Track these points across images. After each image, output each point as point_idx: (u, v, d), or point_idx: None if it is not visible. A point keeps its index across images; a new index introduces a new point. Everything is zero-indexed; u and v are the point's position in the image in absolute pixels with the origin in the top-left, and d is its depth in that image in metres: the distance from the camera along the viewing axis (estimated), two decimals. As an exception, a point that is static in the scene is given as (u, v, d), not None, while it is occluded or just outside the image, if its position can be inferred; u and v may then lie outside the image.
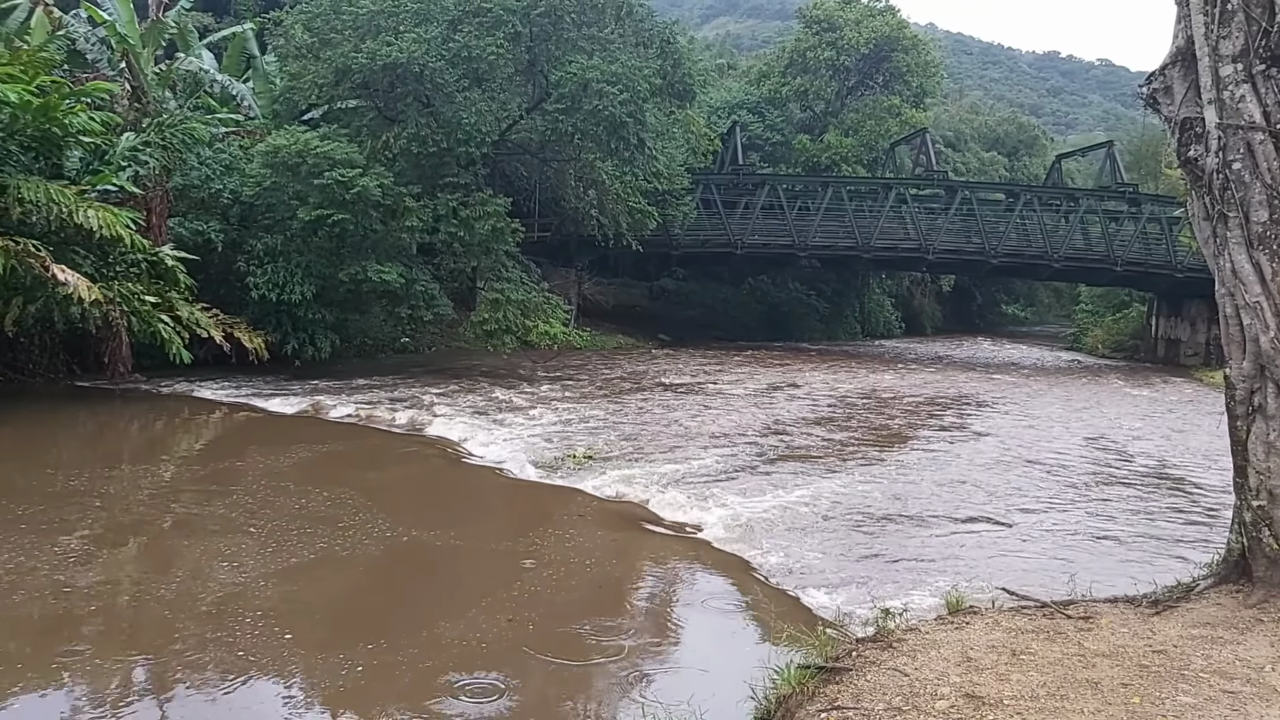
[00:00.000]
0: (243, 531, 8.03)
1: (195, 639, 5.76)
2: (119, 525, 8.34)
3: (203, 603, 6.35)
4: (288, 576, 6.93)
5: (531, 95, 24.69)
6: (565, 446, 12.41)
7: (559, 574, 7.30)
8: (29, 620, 5.92)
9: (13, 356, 17.00)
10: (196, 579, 6.81)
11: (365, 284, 20.61)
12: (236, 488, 9.76)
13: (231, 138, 22.72)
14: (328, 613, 6.40)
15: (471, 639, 5.92)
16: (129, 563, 7.26)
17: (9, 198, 14.32)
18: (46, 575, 6.71)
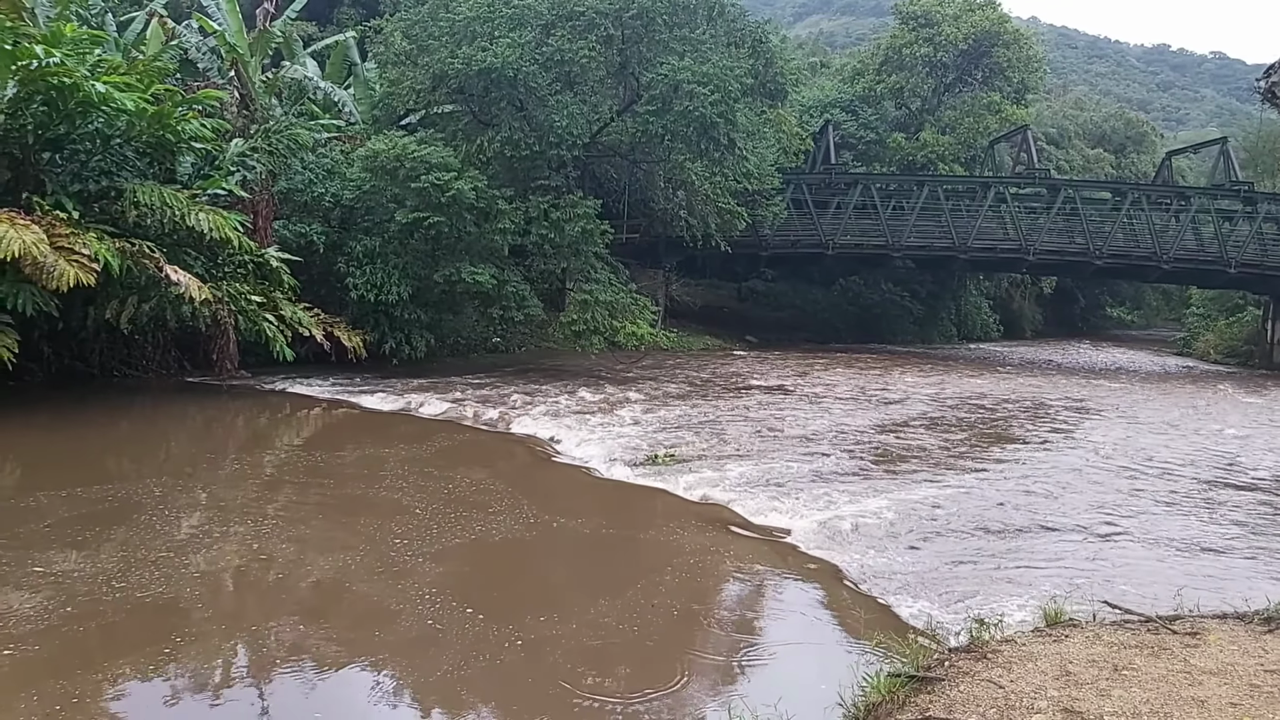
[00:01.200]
0: (336, 523, 8.28)
1: (335, 616, 5.96)
2: (226, 513, 8.68)
3: (304, 583, 6.56)
4: (379, 566, 7.10)
5: (622, 97, 24.83)
6: (651, 447, 12.42)
7: (644, 575, 7.30)
8: (193, 598, 6.21)
9: (128, 353, 17.89)
10: (296, 565, 7.04)
11: (459, 285, 21.03)
12: (334, 481, 10.07)
13: (333, 143, 23.46)
14: (418, 605, 6.54)
15: (561, 639, 5.97)
16: (243, 546, 7.54)
17: (126, 201, 15.07)
18: (168, 557, 7.03)
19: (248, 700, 5.11)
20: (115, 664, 5.31)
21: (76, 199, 14.75)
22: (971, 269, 40.72)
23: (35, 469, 11.00)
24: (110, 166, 15.54)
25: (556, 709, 5.05)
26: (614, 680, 5.49)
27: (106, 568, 6.86)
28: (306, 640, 5.85)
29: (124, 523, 8.10)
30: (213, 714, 4.92)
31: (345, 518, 8.51)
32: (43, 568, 6.80)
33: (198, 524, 8.32)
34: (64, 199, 14.53)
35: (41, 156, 15.18)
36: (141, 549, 7.35)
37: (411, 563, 7.30)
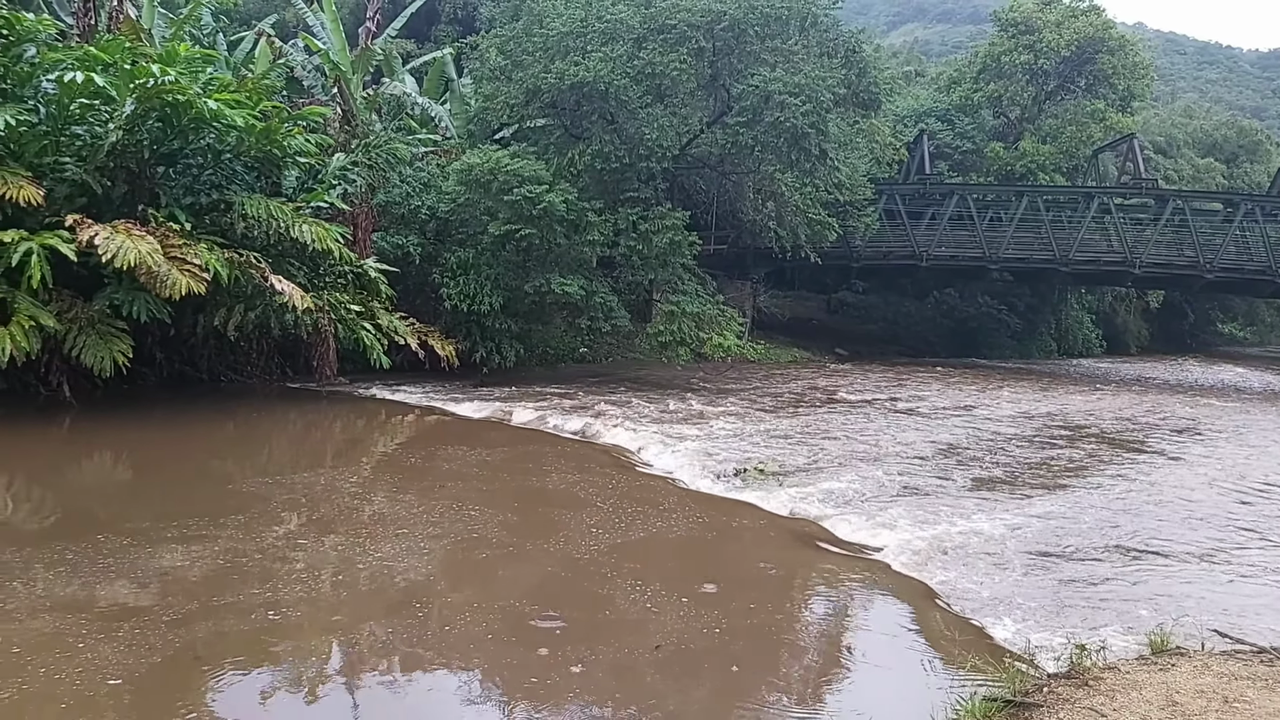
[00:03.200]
0: (426, 527, 8.43)
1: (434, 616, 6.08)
2: (323, 515, 8.94)
3: (395, 583, 6.70)
4: (465, 570, 7.21)
5: (712, 109, 24.82)
6: (738, 460, 12.33)
7: (729, 590, 7.24)
8: (295, 595, 6.43)
9: (234, 359, 18.64)
10: (388, 566, 7.20)
11: (548, 296, 21.30)
12: (425, 486, 10.28)
13: (430, 157, 24.06)
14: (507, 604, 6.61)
15: (640, 654, 5.95)
16: (339, 547, 7.76)
17: (235, 213, 15.72)
18: (269, 556, 7.28)
19: (341, 698, 5.24)
20: (220, 658, 5.51)
21: (189, 211, 15.44)
22: (1073, 282, 39.32)
23: (149, 468, 11.55)
24: (220, 180, 16.24)
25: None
26: (696, 698, 5.44)
27: (212, 564, 7.14)
28: (395, 639, 5.97)
29: (228, 521, 8.41)
30: (309, 709, 5.06)
31: (435, 522, 8.67)
32: (154, 563, 7.11)
33: (297, 524, 8.60)
34: (177, 211, 15.24)
35: (156, 170, 15.95)
36: (244, 547, 7.63)
37: (493, 569, 7.40)
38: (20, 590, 6.41)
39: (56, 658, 5.31)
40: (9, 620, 5.82)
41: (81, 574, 6.78)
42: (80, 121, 14.87)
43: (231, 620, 6.03)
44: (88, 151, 14.99)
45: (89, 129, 14.98)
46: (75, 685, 4.99)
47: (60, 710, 4.74)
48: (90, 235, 13.26)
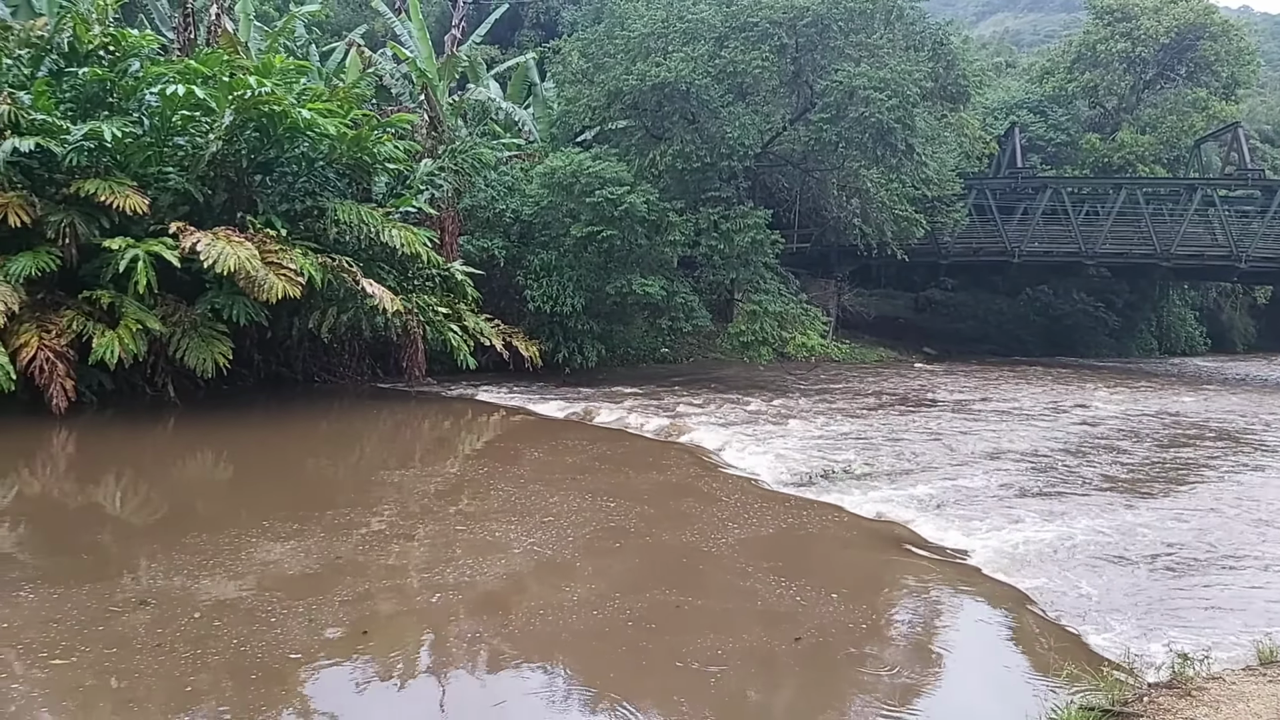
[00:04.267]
0: (512, 524, 8.55)
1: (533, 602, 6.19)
2: (413, 511, 9.15)
3: (482, 577, 6.82)
4: (550, 566, 7.28)
5: (795, 106, 24.58)
6: (822, 461, 12.18)
7: (813, 592, 7.15)
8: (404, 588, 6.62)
9: (327, 360, 19.22)
10: (476, 561, 7.31)
11: (630, 296, 21.39)
12: (511, 484, 10.42)
13: (514, 161, 24.40)
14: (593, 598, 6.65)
15: (722, 655, 5.92)
16: (428, 543, 7.93)
17: (328, 219, 16.20)
18: (362, 550, 7.49)
19: (429, 691, 5.35)
20: (315, 649, 5.69)
21: (284, 217, 15.97)
22: (1174, 278, 37.74)
23: (248, 465, 11.99)
24: (314, 187, 16.76)
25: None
26: (778, 702, 5.39)
27: (308, 558, 7.38)
28: (482, 633, 6.07)
29: (322, 517, 8.68)
30: (401, 698, 5.18)
31: (520, 519, 8.78)
32: (253, 557, 7.38)
33: (388, 520, 8.81)
34: (273, 217, 15.77)
35: (254, 178, 16.54)
36: (338, 542, 7.86)
37: (578, 565, 7.45)
38: (127, 582, 6.72)
39: (149, 651, 5.55)
40: (112, 613, 6.09)
41: (184, 567, 7.07)
42: (182, 132, 15.51)
43: (321, 611, 6.21)
44: (189, 161, 15.63)
45: (190, 139, 15.62)
46: (157, 682, 5.20)
47: (158, 705, 4.95)
48: (193, 242, 13.83)
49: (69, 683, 5.05)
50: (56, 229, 13.77)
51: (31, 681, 5.06)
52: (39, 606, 6.08)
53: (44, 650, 5.42)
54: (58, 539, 7.74)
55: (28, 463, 11.40)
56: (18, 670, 5.20)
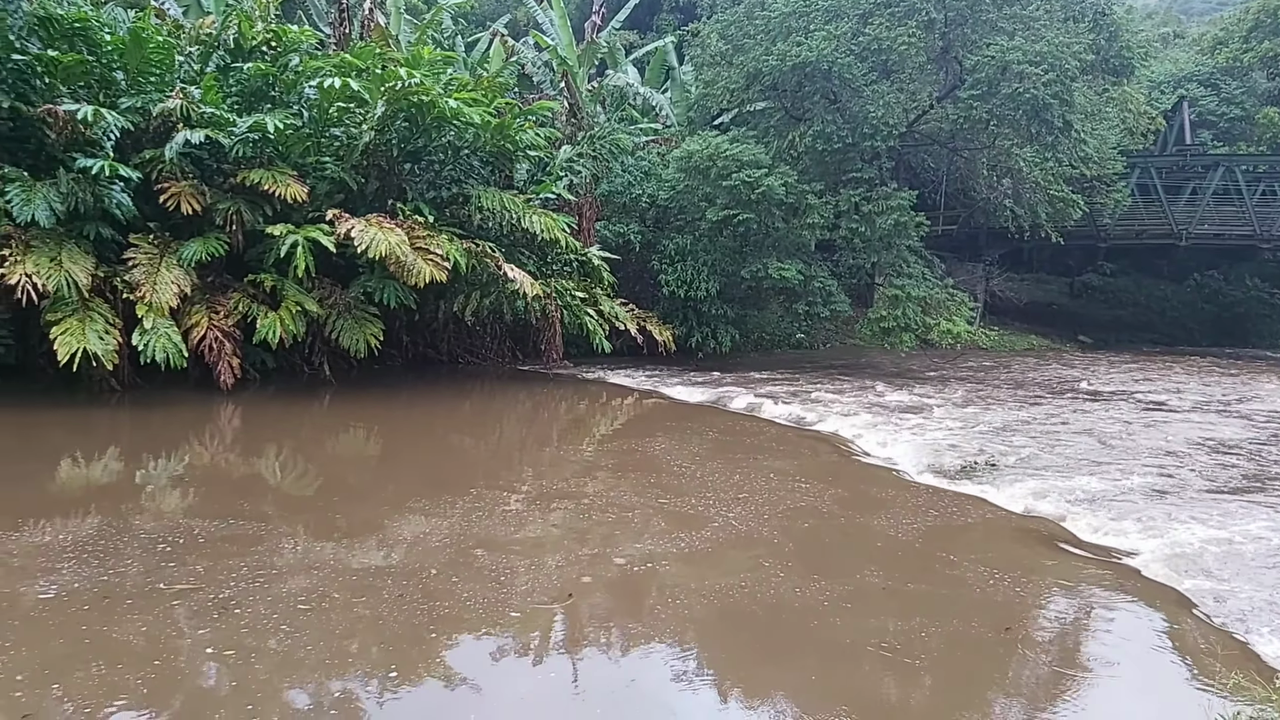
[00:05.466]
0: (646, 506, 8.57)
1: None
2: (549, 490, 9.31)
3: (615, 559, 6.87)
4: (682, 550, 7.26)
5: (943, 83, 23.64)
6: (967, 452, 11.70)
7: (957, 589, 6.87)
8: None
9: (470, 342, 19.84)
10: (608, 543, 7.37)
11: (765, 281, 21.16)
12: (645, 466, 10.47)
13: (650, 145, 24.48)
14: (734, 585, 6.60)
15: (857, 652, 5.76)
16: (564, 522, 8.06)
17: (472, 206, 16.67)
18: (499, 528, 7.69)
19: (563, 668, 5.41)
20: (450, 623, 5.86)
21: (431, 204, 16.53)
22: (1367, 262, 34.48)
23: (395, 441, 12.50)
24: (459, 175, 17.27)
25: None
26: (919, 705, 5.19)
27: (448, 533, 7.62)
28: (613, 615, 6.10)
29: (463, 493, 8.95)
30: (533, 674, 5.27)
31: (654, 501, 8.80)
32: (396, 531, 7.68)
33: (525, 499, 9.00)
34: (421, 204, 16.34)
35: (403, 167, 17.17)
36: (476, 518, 8.09)
37: (709, 550, 7.40)
38: (287, 549, 7.09)
39: (312, 612, 5.84)
40: (277, 577, 6.45)
41: (338, 537, 7.42)
42: (338, 124, 16.24)
43: (457, 586, 6.38)
44: (344, 151, 16.35)
45: (345, 130, 16.34)
46: (312, 642, 5.46)
47: (313, 664, 5.20)
48: (347, 228, 14.48)
49: (231, 640, 5.37)
50: (224, 216, 14.67)
51: (196, 640, 5.41)
52: (210, 569, 6.49)
53: (211, 610, 5.79)
54: (224, 507, 8.26)
55: (198, 434, 12.23)
56: (185, 628, 5.57)
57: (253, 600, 5.96)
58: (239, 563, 6.66)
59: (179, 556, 6.76)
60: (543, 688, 5.16)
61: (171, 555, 6.80)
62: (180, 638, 5.44)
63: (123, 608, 5.81)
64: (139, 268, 13.75)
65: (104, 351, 12.75)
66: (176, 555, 6.79)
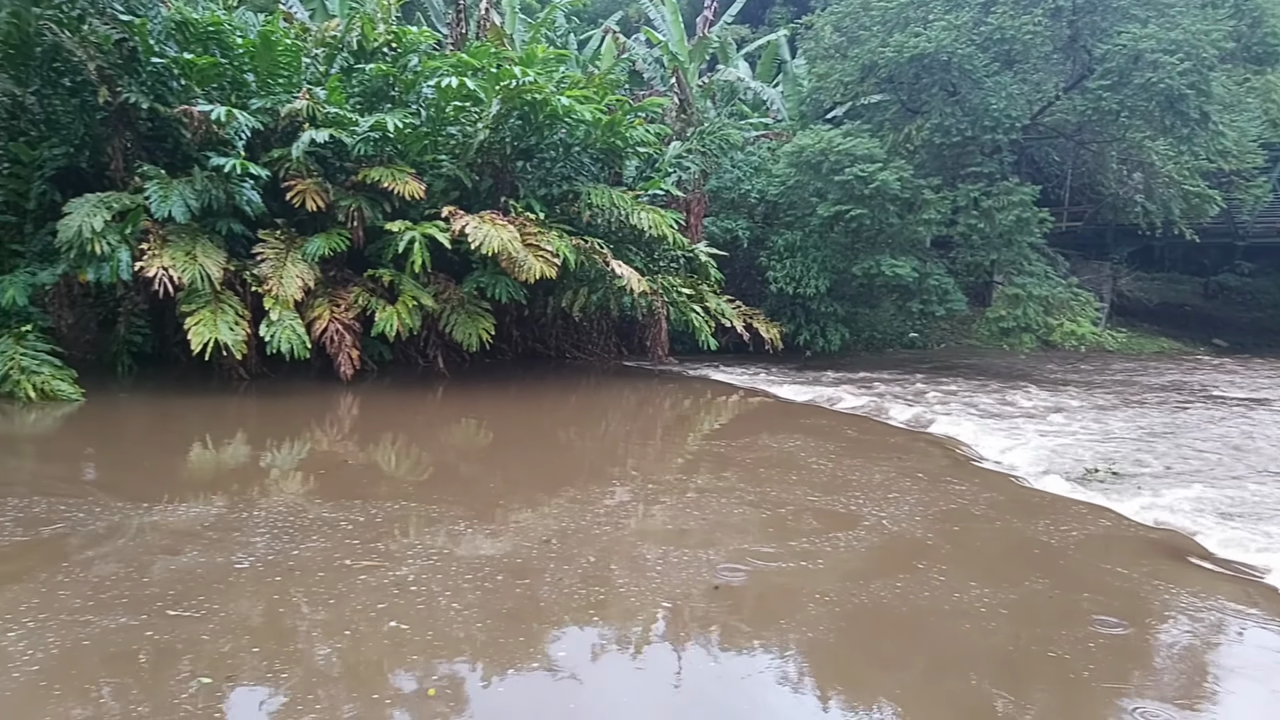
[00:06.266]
0: (748, 506, 8.49)
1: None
2: (652, 487, 9.32)
3: (715, 559, 6.82)
4: (783, 551, 7.15)
5: (1070, 73, 22.65)
6: (1090, 459, 11.18)
7: (1081, 603, 6.56)
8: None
9: (577, 338, 20.06)
10: (709, 542, 7.33)
11: (878, 278, 20.69)
12: (749, 466, 10.37)
13: (761, 140, 24.24)
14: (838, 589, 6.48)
15: (972, 663, 5.56)
16: (664, 520, 8.06)
17: (582, 203, 16.83)
18: (600, 524, 7.74)
19: (664, 663, 5.40)
20: (603, 607, 6.06)
21: (542, 201, 16.77)
22: None
23: (503, 433, 12.73)
24: (570, 172, 17.46)
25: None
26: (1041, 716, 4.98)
27: (601, 521, 7.87)
28: (711, 614, 6.05)
29: (565, 487, 9.06)
30: (629, 670, 5.27)
31: (758, 502, 8.71)
32: (553, 520, 7.92)
33: (628, 495, 9.04)
34: (533, 201, 16.60)
35: (516, 164, 17.46)
36: (577, 513, 8.18)
37: (811, 552, 7.26)
38: (397, 536, 7.30)
39: (415, 599, 6.00)
40: (386, 563, 6.64)
41: (445, 526, 7.60)
42: (454, 122, 16.63)
43: (561, 578, 6.44)
44: (460, 149, 16.74)
45: (461, 129, 16.72)
46: (431, 629, 5.59)
47: (414, 650, 5.33)
48: (462, 225, 14.83)
49: (339, 625, 5.56)
50: (346, 213, 15.21)
51: (310, 622, 5.62)
52: (320, 554, 6.75)
53: (321, 593, 6.02)
54: (341, 493, 8.57)
55: (319, 423, 12.74)
56: (304, 610, 5.80)
57: (426, 580, 6.30)
58: (414, 544, 7.09)
59: (360, 536, 7.21)
60: (696, 674, 5.27)
61: (353, 534, 7.25)
62: (365, 611, 5.74)
63: (313, 580, 6.24)
64: (266, 262, 14.39)
65: (234, 342, 13.40)
66: (358, 534, 7.24)
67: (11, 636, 5.15)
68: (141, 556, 6.61)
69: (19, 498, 7.91)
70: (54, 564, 6.38)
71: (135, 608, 5.62)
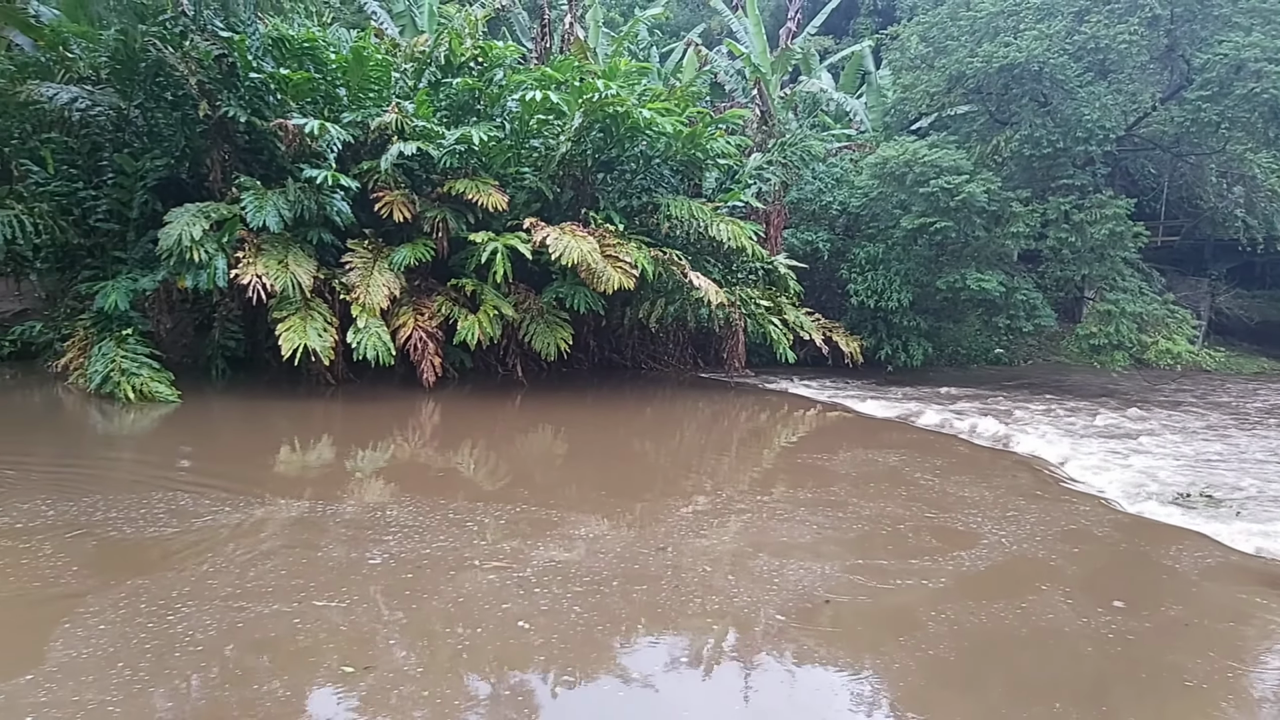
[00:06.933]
0: (822, 524, 8.36)
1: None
2: (724, 501, 9.27)
3: (784, 577, 6.73)
4: (857, 574, 7.02)
5: (1167, 83, 21.86)
6: (1185, 483, 10.74)
7: (1179, 639, 6.29)
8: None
9: (653, 349, 20.08)
10: (781, 559, 7.24)
11: (963, 292, 20.24)
12: (826, 482, 10.23)
13: (843, 152, 23.98)
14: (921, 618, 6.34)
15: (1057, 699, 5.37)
16: (737, 535, 8.01)
17: (661, 215, 16.87)
18: (670, 535, 7.73)
19: (728, 677, 5.36)
20: (717, 616, 6.12)
21: (622, 213, 16.86)
22: None
23: (577, 442, 12.82)
24: (649, 184, 17.53)
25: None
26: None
27: (720, 532, 8.05)
28: (786, 631, 5.98)
29: (637, 498, 9.08)
30: (687, 686, 5.24)
31: (832, 520, 8.58)
32: (670, 529, 8.03)
33: (700, 508, 9.00)
34: (612, 213, 16.70)
35: (596, 176, 17.60)
36: (689, 522, 8.30)
37: (890, 576, 7.11)
38: (477, 542, 7.40)
39: (488, 600, 6.13)
40: (468, 567, 6.75)
41: (522, 532, 7.68)
42: (537, 135, 16.85)
43: (628, 589, 6.43)
44: (542, 162, 16.95)
45: (544, 141, 16.93)
46: (556, 631, 5.72)
47: (539, 651, 5.42)
48: (542, 236, 15.01)
49: (419, 626, 5.70)
50: (431, 223, 15.53)
51: (442, 618, 5.86)
52: (400, 557, 6.88)
53: (449, 590, 6.30)
54: (422, 496, 8.73)
55: (401, 428, 13.01)
56: (435, 605, 6.07)
57: (548, 581, 6.52)
58: (535, 546, 7.35)
59: (486, 536, 7.53)
60: (812, 681, 5.38)
61: (479, 535, 7.56)
62: (492, 610, 5.99)
63: (444, 577, 6.54)
64: (354, 271, 14.78)
65: (322, 348, 13.79)
66: (483, 536, 7.54)
67: (171, 619, 5.57)
68: (281, 550, 7.04)
69: (163, 491, 8.44)
70: (201, 555, 6.81)
71: (282, 597, 6.01)
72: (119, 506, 7.86)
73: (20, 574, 6.27)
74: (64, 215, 15.50)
